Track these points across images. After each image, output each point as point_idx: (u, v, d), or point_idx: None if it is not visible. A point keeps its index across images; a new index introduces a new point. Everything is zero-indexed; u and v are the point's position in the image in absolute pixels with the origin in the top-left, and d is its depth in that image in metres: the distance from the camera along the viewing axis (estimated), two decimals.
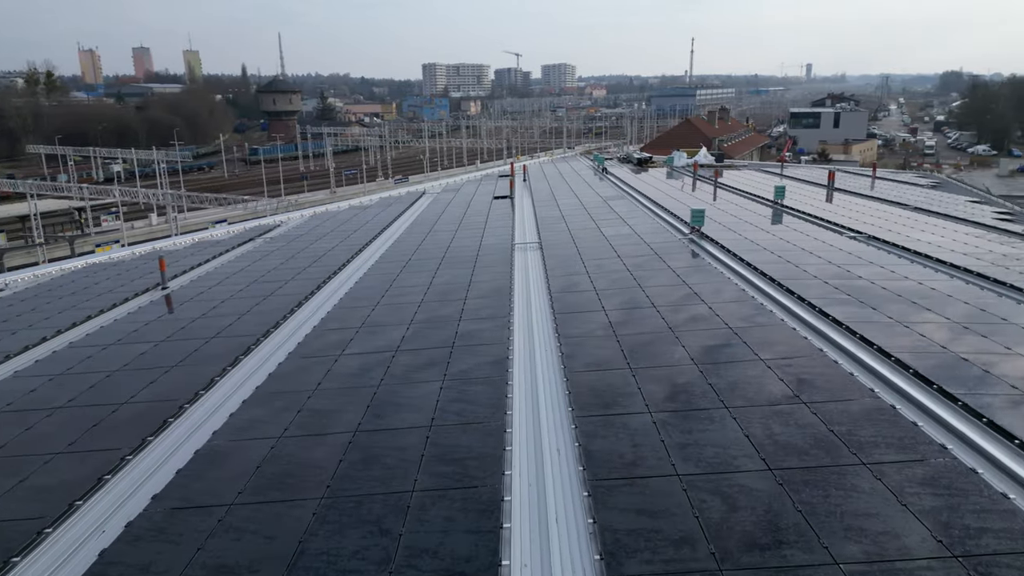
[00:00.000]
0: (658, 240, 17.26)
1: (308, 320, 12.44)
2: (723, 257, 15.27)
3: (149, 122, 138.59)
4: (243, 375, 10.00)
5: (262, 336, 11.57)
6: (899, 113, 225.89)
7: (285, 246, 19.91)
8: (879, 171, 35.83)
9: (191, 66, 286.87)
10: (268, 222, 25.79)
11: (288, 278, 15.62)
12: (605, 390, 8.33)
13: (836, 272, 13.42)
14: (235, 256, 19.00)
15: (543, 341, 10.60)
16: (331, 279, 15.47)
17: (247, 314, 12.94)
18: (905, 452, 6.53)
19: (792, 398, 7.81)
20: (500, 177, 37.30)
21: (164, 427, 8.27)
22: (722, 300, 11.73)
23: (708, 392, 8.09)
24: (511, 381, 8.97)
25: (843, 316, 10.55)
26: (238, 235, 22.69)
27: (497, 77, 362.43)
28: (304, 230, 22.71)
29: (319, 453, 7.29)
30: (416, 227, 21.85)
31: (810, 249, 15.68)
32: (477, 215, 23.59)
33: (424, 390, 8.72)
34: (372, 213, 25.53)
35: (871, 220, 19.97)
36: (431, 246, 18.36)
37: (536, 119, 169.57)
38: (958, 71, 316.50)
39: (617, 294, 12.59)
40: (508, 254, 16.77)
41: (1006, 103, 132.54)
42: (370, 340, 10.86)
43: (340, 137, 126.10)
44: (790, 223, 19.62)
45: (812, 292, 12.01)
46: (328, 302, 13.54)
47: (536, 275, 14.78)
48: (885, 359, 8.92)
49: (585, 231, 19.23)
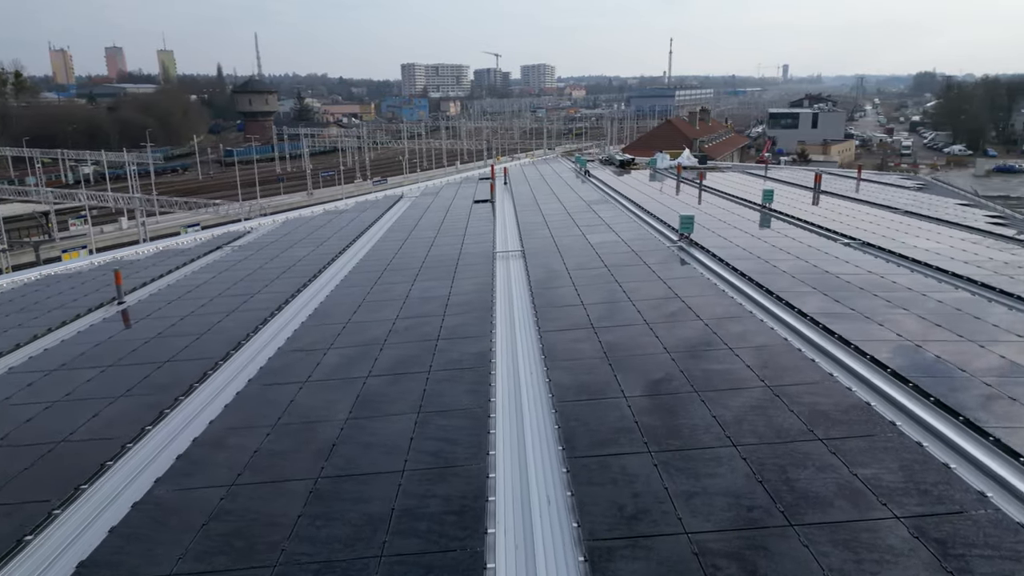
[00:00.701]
0: (647, 248, 16.49)
1: (273, 340, 11.48)
2: (716, 268, 14.53)
3: (121, 123, 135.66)
4: (198, 406, 9.05)
5: (221, 359, 10.61)
6: (875, 113, 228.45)
7: (254, 255, 18.88)
8: (863, 173, 35.46)
9: (165, 66, 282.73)
10: (238, 228, 24.70)
11: (255, 291, 14.63)
12: (599, 426, 7.49)
13: (837, 284, 12.71)
14: (200, 266, 17.94)
15: (528, 365, 9.75)
16: (300, 292, 14.50)
17: (208, 333, 11.96)
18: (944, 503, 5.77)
19: (807, 432, 7.04)
20: (480, 180, 36.42)
21: (99, 473, 7.30)
22: (720, 317, 10.95)
23: (712, 426, 7.29)
24: (494, 413, 8.11)
25: (853, 336, 9.82)
26: (205, 243, 21.60)
27: (477, 77, 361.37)
28: (275, 237, 21.68)
29: (277, 505, 6.38)
30: (392, 234, 20.91)
31: (805, 258, 14.99)
32: (457, 221, 22.70)
33: (396, 426, 7.83)
34: (347, 219, 24.53)
35: (863, 225, 19.38)
36: (408, 255, 17.45)
37: (516, 120, 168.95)
38: (931, 72, 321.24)
39: (606, 309, 11.77)
40: (489, 263, 15.92)
41: (980, 103, 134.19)
42: (339, 365, 9.94)
43: (317, 138, 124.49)
44: (781, 229, 18.96)
45: (813, 306, 11.27)
46: (296, 319, 12.59)
47: (519, 288, 13.93)
48: (924, 399, 8.16)
49: (570, 238, 18.42)
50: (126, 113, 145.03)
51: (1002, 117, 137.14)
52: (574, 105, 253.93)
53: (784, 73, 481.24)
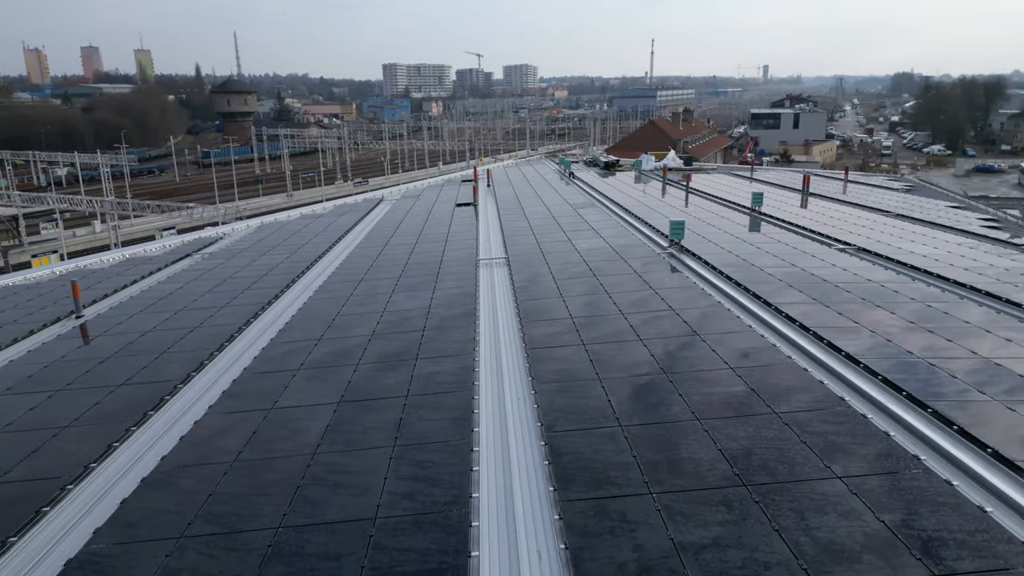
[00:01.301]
0: (637, 255, 15.82)
1: (238, 359, 10.67)
2: (710, 276, 13.89)
3: (96, 124, 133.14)
4: (152, 437, 8.24)
5: (181, 382, 9.78)
6: (854, 114, 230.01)
7: (224, 263, 17.99)
8: (849, 174, 35.11)
9: (142, 66, 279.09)
10: (211, 234, 23.75)
11: (222, 304, 13.77)
12: (594, 461, 6.78)
13: (839, 296, 12.10)
14: (167, 276, 17.02)
15: (515, 388, 9.02)
16: (270, 306, 13.67)
17: (168, 352, 11.11)
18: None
19: (824, 469, 6.37)
20: (463, 182, 35.64)
21: (34, 520, 6.47)
22: (719, 332, 10.28)
23: (719, 461, 6.60)
24: (477, 446, 7.37)
25: (867, 356, 9.20)
26: (174, 250, 20.65)
27: (459, 78, 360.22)
28: (248, 243, 20.77)
29: (231, 563, 5.60)
30: (371, 240, 20.09)
31: (801, 266, 14.39)
32: (438, 226, 21.92)
33: (369, 461, 7.08)
34: (324, 223, 23.66)
35: (856, 229, 18.86)
36: (386, 264, 16.65)
37: (498, 120, 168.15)
38: (909, 72, 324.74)
39: (597, 324, 11.07)
40: (472, 272, 15.17)
41: (957, 104, 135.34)
42: (309, 389, 9.15)
43: (297, 139, 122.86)
44: (773, 234, 18.38)
45: (817, 321, 10.65)
46: (264, 335, 11.77)
47: (504, 300, 13.20)
48: (951, 431, 7.53)
49: (555, 244, 17.71)
50: (102, 114, 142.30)
51: (980, 117, 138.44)
52: (556, 105, 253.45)
53: (764, 74, 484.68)
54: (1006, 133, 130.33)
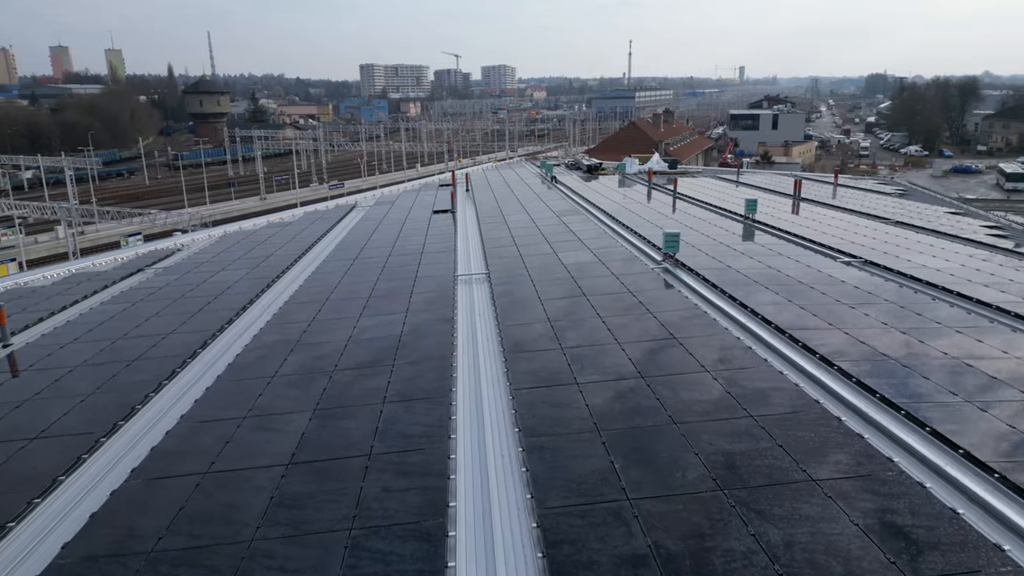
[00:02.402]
0: (629, 271, 14.53)
1: (176, 403, 9.20)
2: (710, 295, 12.63)
3: (64, 125, 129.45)
4: (60, 509, 6.77)
5: (105, 435, 8.30)
6: (830, 115, 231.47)
7: (178, 280, 16.42)
8: (838, 177, 34.22)
9: (113, 66, 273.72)
10: (169, 245, 22.10)
11: (167, 331, 12.25)
12: (600, 553, 5.44)
13: (863, 323, 10.90)
14: (112, 295, 15.43)
15: (498, 444, 7.66)
16: (221, 334, 12.17)
17: (96, 394, 9.61)
18: None
19: (863, 537, 5.09)
20: (440, 186, 34.22)
21: None
22: (733, 368, 9.00)
23: (756, 552, 5.30)
24: (453, 531, 6.01)
25: (898, 397, 7.97)
26: (125, 264, 19.01)
27: (437, 78, 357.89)
28: (207, 256, 19.19)
29: None
30: (340, 252, 18.60)
31: (809, 282, 13.18)
32: (414, 235, 20.49)
33: (324, 539, 5.68)
34: (291, 233, 22.12)
35: (858, 239, 17.76)
36: (355, 281, 15.20)
37: (477, 121, 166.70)
38: (882, 73, 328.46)
39: (591, 356, 9.75)
40: (450, 291, 13.78)
41: (932, 104, 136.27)
42: (250, 454, 7.71)
43: (272, 140, 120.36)
44: (772, 245, 17.19)
45: (831, 348, 9.43)
46: (210, 371, 10.31)
47: (485, 326, 11.82)
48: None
49: (540, 258, 16.38)
50: (70, 115, 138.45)
51: (955, 118, 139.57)
52: (535, 106, 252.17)
53: (741, 75, 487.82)
54: (981, 134, 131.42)
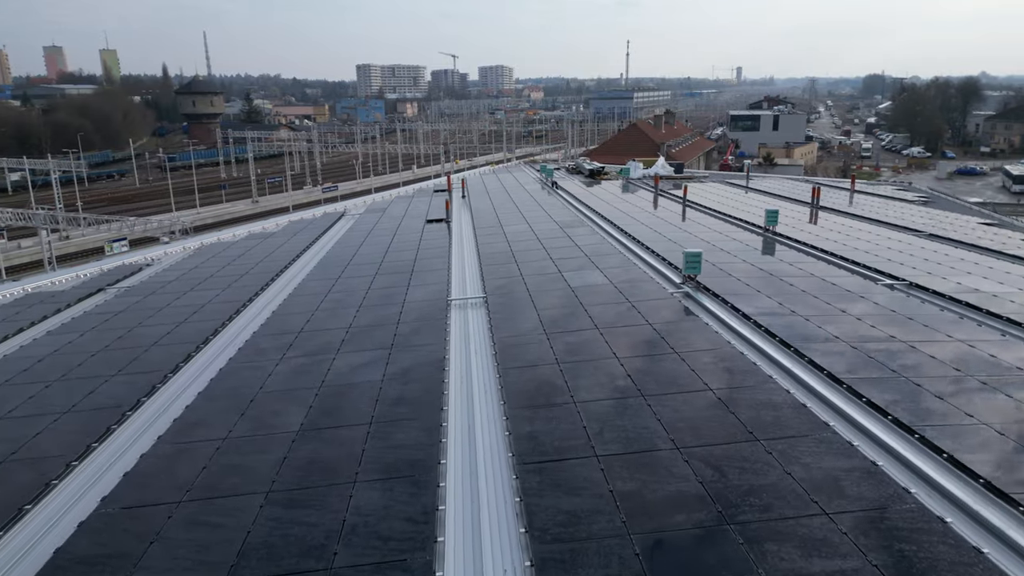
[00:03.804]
0: (645, 297, 12.82)
1: (117, 461, 7.48)
2: (743, 330, 10.91)
3: (55, 126, 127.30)
4: None
5: (31, 503, 6.61)
6: (829, 115, 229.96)
7: (139, 303, 14.68)
8: (854, 184, 32.52)
9: (108, 66, 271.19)
10: (139, 259, 20.36)
11: (112, 372, 10.50)
12: None
13: (936, 372, 9.20)
14: (61, 322, 13.69)
15: (501, 549, 5.94)
16: (175, 375, 10.43)
17: (18, 455, 7.88)
18: None
19: None
20: (435, 192, 32.52)
21: None
22: (787, 437, 7.29)
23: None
24: None
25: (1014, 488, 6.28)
26: (85, 283, 17.27)
27: (434, 78, 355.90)
28: (176, 274, 17.44)
29: None
30: (322, 271, 16.87)
31: (857, 314, 11.48)
32: (405, 250, 18.77)
33: None
34: (271, 246, 20.38)
35: (894, 255, 16.08)
36: (336, 307, 13.47)
37: (474, 122, 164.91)
38: (880, 74, 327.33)
39: (612, 410, 8.04)
40: (442, 320, 12.07)
41: (933, 105, 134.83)
42: (206, 515, 5.99)
43: (265, 142, 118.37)
44: (801, 263, 15.50)
45: (909, 414, 7.74)
46: (160, 420, 8.63)
47: (482, 369, 10.10)
48: None
49: (543, 279, 14.67)
50: (62, 115, 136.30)
51: (956, 119, 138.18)
52: (533, 107, 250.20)
53: (738, 75, 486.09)
54: (984, 135, 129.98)
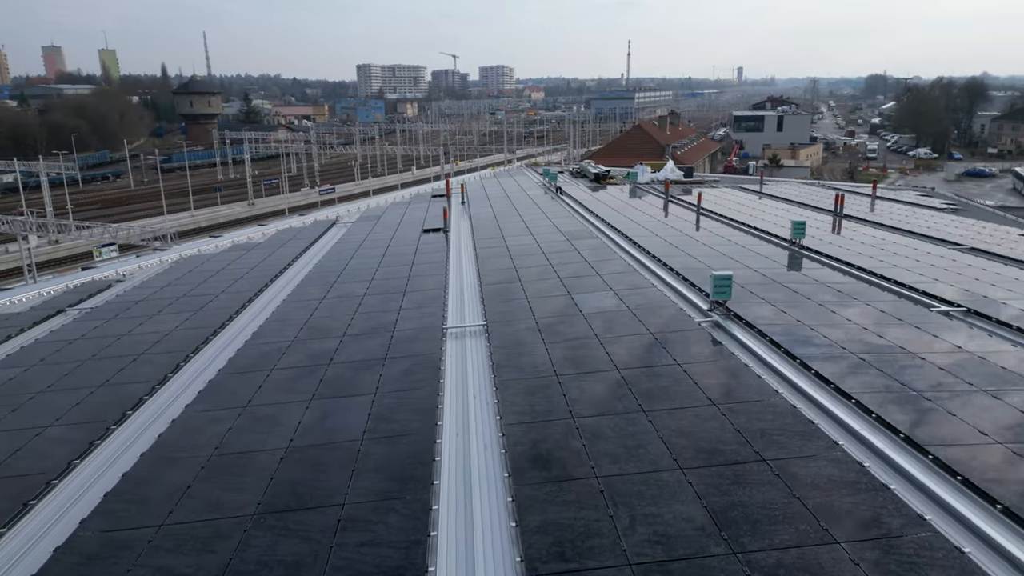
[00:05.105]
0: (669, 327, 11.26)
1: (54, 524, 5.94)
2: (795, 377, 9.37)
3: (52, 127, 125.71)
4: None
5: None
6: (831, 116, 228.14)
7: (98, 329, 13.12)
8: (875, 190, 30.97)
9: (106, 66, 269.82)
10: (109, 274, 18.81)
11: (60, 412, 8.94)
12: None
13: (1014, 419, 7.66)
14: (7, 353, 12.13)
15: None
16: (126, 419, 8.88)
17: None
18: None
19: None
20: (433, 197, 30.98)
21: None
22: (866, 534, 5.74)
23: None
24: None
25: None
26: (46, 303, 15.71)
27: (434, 79, 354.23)
28: (147, 292, 15.89)
29: None
30: (304, 291, 15.31)
31: (915, 349, 9.93)
32: (398, 265, 17.22)
33: None
34: (254, 260, 18.82)
35: (940, 274, 14.54)
36: (316, 337, 11.91)
37: (475, 122, 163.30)
38: (882, 74, 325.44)
39: (637, 487, 6.48)
40: (436, 356, 10.52)
41: (937, 105, 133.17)
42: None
43: (262, 142, 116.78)
44: (839, 285, 13.93)
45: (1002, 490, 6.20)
46: (109, 472, 7.11)
47: (482, 419, 8.54)
48: None
49: (551, 302, 13.11)
50: (58, 116, 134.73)
51: (962, 119, 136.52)
52: (533, 107, 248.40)
53: (739, 75, 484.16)
54: (990, 136, 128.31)
